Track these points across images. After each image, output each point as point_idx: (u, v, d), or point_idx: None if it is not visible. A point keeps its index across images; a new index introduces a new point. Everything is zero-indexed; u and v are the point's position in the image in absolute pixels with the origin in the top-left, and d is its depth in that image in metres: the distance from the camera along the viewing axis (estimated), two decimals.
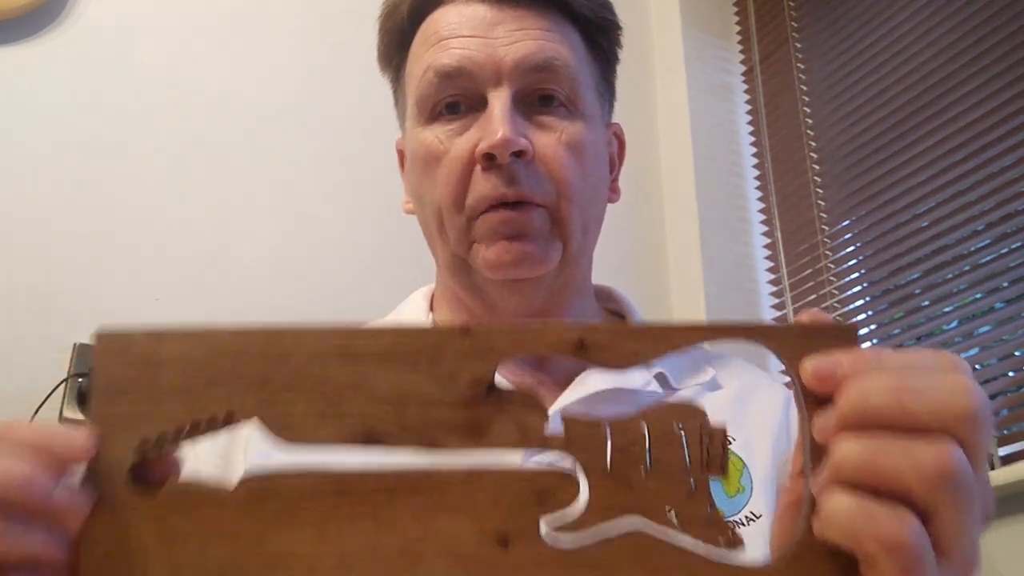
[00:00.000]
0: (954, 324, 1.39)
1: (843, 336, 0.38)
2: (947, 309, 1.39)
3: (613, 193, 0.73)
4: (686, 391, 0.65)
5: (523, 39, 0.63)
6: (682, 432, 0.39)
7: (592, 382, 0.63)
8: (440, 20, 0.65)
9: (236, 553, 0.37)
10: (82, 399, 1.15)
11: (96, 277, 1.25)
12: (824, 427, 0.37)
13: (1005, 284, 1.31)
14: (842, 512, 0.34)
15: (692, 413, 0.39)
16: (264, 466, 0.38)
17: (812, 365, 0.37)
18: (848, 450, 0.35)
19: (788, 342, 0.38)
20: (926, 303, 1.41)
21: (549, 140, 0.63)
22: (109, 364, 0.39)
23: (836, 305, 1.56)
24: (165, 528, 0.37)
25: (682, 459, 0.38)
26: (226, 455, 0.64)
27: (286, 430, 0.38)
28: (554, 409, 0.61)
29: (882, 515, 0.34)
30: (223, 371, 0.38)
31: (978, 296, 1.34)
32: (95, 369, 0.39)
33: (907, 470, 0.34)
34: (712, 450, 0.38)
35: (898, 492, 0.34)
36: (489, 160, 0.61)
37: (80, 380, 1.16)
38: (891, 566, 0.33)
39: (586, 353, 0.38)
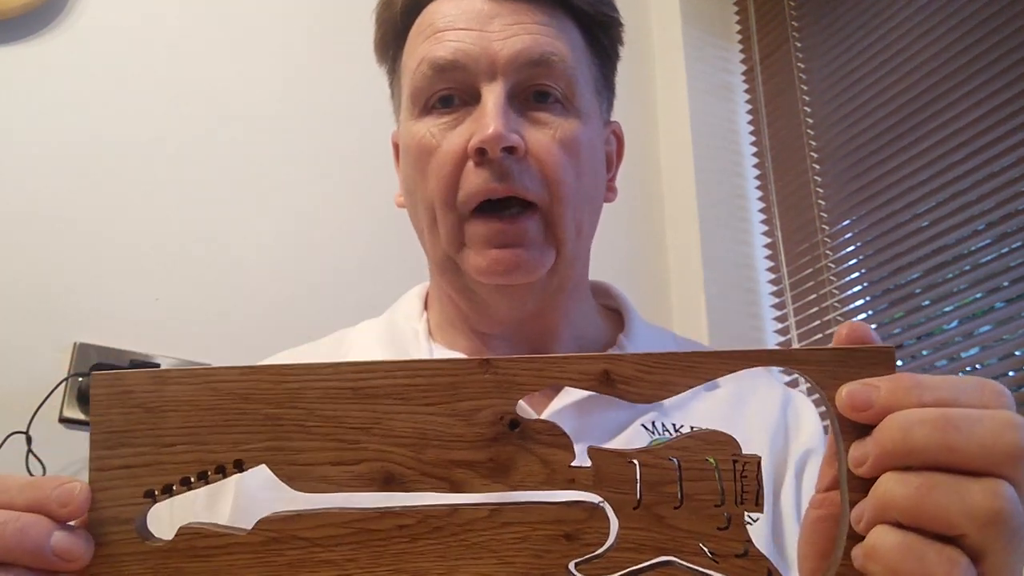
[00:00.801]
0: (954, 324, 1.38)
1: (879, 358, 0.37)
2: (947, 309, 1.39)
3: (610, 192, 0.71)
4: (683, 392, 0.65)
5: (519, 33, 0.62)
6: (715, 464, 0.37)
7: None
8: (436, 12, 0.64)
9: None
10: (82, 399, 1.15)
11: (96, 277, 1.25)
12: (861, 458, 0.35)
13: (1005, 283, 1.31)
14: (890, 550, 0.33)
15: (725, 444, 0.37)
16: (279, 510, 0.37)
17: (847, 392, 0.36)
18: (894, 490, 0.34)
19: (821, 367, 0.37)
20: (926, 303, 1.41)
21: (542, 137, 0.61)
22: (109, 410, 0.37)
23: (836, 305, 1.56)
24: None
25: (715, 492, 0.37)
26: (214, 492, 0.62)
27: (299, 475, 0.36)
28: (546, 414, 0.60)
29: (932, 555, 0.32)
30: (230, 414, 0.37)
31: (978, 296, 1.34)
32: (93, 416, 0.37)
33: (958, 512, 0.32)
34: (747, 484, 0.37)
35: (946, 534, 0.33)
36: (481, 155, 0.60)
37: (80, 380, 1.16)
38: None
39: (612, 387, 0.37)
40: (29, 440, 1.10)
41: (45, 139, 1.29)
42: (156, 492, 0.36)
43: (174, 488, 0.36)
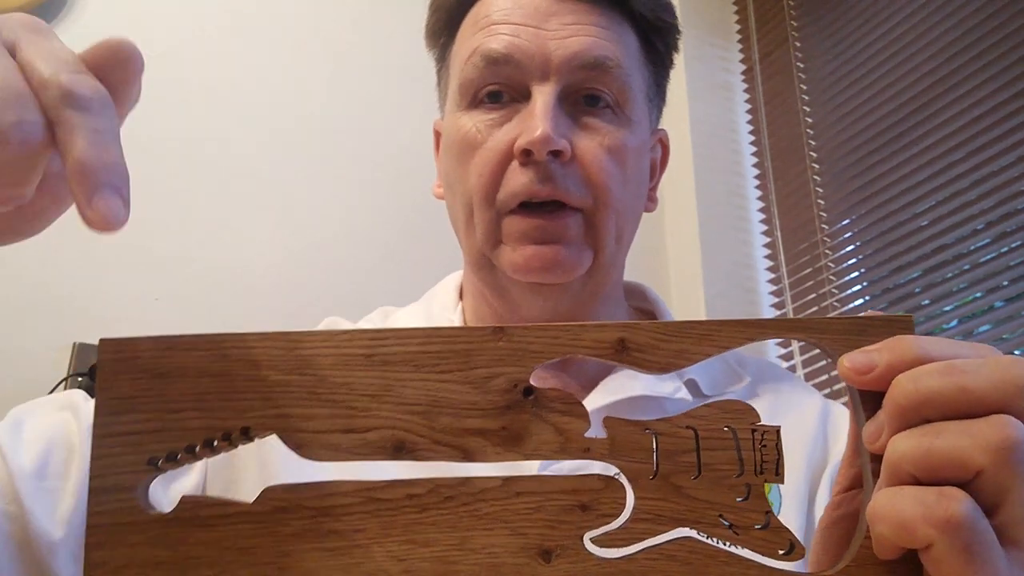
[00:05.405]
0: (954, 323, 1.39)
1: (898, 327, 0.35)
2: (947, 308, 1.39)
3: (651, 202, 0.70)
4: (700, 360, 0.63)
5: (576, 34, 0.60)
6: (733, 434, 0.36)
7: (616, 387, 0.61)
8: (492, 3, 0.63)
9: (256, 573, 0.34)
10: None
11: (96, 277, 1.25)
12: (877, 431, 0.34)
13: (1005, 283, 1.31)
14: (888, 504, 0.32)
15: (743, 413, 0.36)
16: (285, 480, 0.35)
17: (848, 359, 0.34)
18: (902, 446, 0.32)
19: (837, 337, 0.35)
20: (926, 302, 1.41)
21: (590, 143, 0.60)
22: (115, 376, 0.36)
23: (836, 304, 1.56)
24: (178, 548, 0.34)
25: (734, 463, 0.36)
26: (231, 469, 0.61)
27: (308, 443, 0.35)
28: None
29: (931, 497, 0.31)
30: (238, 381, 0.36)
31: (978, 295, 1.34)
32: (99, 381, 0.36)
33: (969, 446, 0.31)
34: (766, 454, 0.36)
35: (962, 476, 0.31)
36: (526, 156, 0.59)
37: (80, 379, 1.15)
38: (950, 548, 0.31)
39: (628, 355, 0.36)
40: None
41: None
42: (160, 460, 0.35)
43: (179, 456, 0.35)
